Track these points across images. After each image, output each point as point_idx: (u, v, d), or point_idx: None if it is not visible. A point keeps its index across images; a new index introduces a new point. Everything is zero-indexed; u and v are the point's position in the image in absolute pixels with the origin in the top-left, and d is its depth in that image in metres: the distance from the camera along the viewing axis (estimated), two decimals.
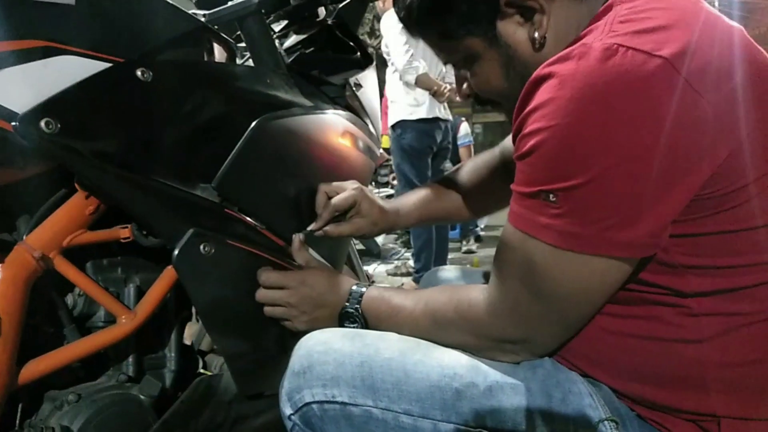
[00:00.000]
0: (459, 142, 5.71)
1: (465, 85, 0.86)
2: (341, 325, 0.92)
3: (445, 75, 3.51)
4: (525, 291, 0.69)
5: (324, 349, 0.81)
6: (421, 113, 3.40)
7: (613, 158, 0.58)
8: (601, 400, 0.71)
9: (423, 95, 3.39)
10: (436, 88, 3.33)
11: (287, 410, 0.82)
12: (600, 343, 0.73)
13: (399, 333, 0.85)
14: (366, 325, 0.90)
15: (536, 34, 0.71)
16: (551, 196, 0.62)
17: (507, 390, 0.72)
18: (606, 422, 0.69)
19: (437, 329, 0.81)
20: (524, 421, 0.71)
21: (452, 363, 0.76)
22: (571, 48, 0.61)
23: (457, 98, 3.32)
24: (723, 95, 0.60)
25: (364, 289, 0.92)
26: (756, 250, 0.65)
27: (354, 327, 0.91)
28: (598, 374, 0.74)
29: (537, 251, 0.65)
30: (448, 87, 3.33)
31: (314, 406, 0.79)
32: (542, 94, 0.62)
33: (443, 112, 3.51)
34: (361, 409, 0.76)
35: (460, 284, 1.17)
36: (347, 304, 0.91)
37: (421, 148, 3.43)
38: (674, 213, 0.61)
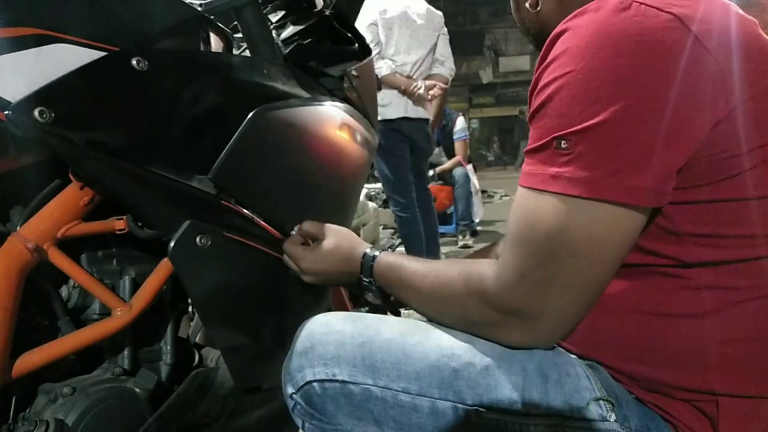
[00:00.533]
0: (455, 137, 5.71)
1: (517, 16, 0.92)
2: (361, 294, 0.96)
3: (433, 68, 3.41)
4: (534, 253, 0.67)
5: (326, 330, 0.83)
6: (387, 114, 3.23)
7: (625, 100, 0.60)
8: (599, 382, 0.71)
9: (389, 95, 3.23)
10: (403, 87, 3.20)
11: (289, 389, 0.84)
12: (600, 320, 0.73)
13: (408, 304, 0.86)
14: (381, 292, 0.92)
15: None
16: (563, 142, 0.63)
17: (503, 370, 0.73)
18: (601, 402, 0.70)
19: (444, 303, 0.80)
20: (519, 400, 0.71)
21: (450, 344, 0.77)
22: (586, 6, 0.65)
23: (428, 97, 3.27)
24: (727, 58, 0.62)
25: (375, 254, 0.92)
26: (760, 222, 0.66)
27: (371, 294, 0.94)
28: (596, 355, 0.75)
29: (545, 205, 0.65)
30: (419, 85, 3.19)
31: (315, 384, 0.80)
32: (558, 48, 0.65)
33: (417, 110, 3.33)
34: (361, 388, 0.78)
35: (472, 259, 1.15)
36: (362, 276, 0.93)
37: (392, 145, 3.26)
38: (679, 162, 0.62)
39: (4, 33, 0.78)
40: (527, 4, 0.86)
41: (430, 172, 5.00)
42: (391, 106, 3.23)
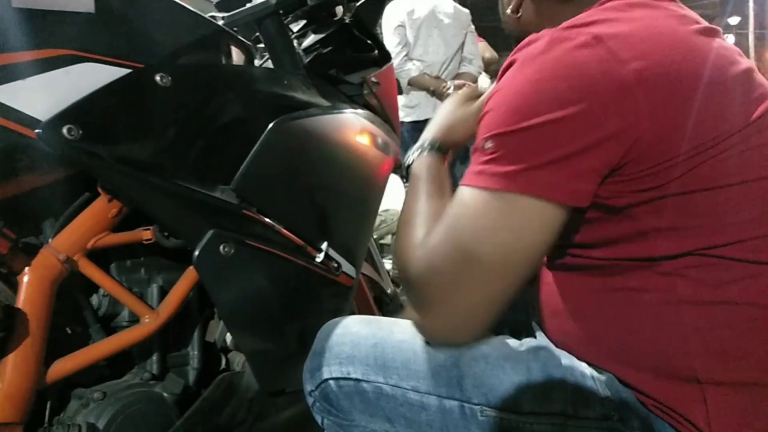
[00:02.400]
0: None
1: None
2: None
3: (462, 67, 3.39)
4: (446, 246, 0.70)
5: (342, 332, 0.87)
6: (414, 116, 3.25)
7: (542, 107, 0.65)
8: (603, 383, 0.72)
9: (417, 96, 3.25)
10: (432, 87, 3.20)
11: (308, 387, 0.88)
12: (587, 323, 0.75)
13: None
14: None
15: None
16: (488, 143, 0.69)
17: (507, 369, 0.75)
18: (605, 402, 0.71)
19: (409, 223, 0.81)
20: (524, 399, 0.73)
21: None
22: (531, 36, 0.72)
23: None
24: (653, 69, 0.65)
25: (423, 150, 0.97)
26: (718, 212, 0.68)
27: None
28: (593, 360, 0.76)
29: (466, 197, 0.69)
30: (448, 85, 3.18)
31: (331, 382, 0.84)
32: (504, 76, 0.73)
33: None
34: (373, 386, 0.81)
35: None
36: (419, 145, 1.00)
37: None
38: (598, 165, 0.65)
39: (35, 56, 0.81)
40: (509, 10, 0.94)
41: None
42: (419, 107, 3.23)
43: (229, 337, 1.25)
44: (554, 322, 0.82)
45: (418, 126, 3.23)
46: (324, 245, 1.14)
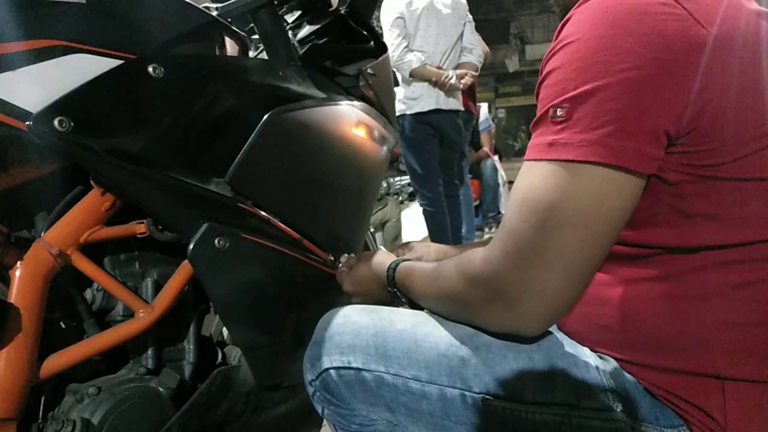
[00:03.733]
0: (480, 128, 5.66)
1: None
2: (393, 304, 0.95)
3: (462, 57, 3.38)
4: (519, 227, 0.65)
5: (343, 321, 0.87)
6: (418, 106, 3.23)
7: (618, 66, 0.61)
8: (607, 373, 0.72)
9: (419, 88, 3.23)
10: (434, 78, 3.18)
11: (309, 376, 0.88)
12: (604, 310, 0.73)
13: (422, 303, 0.87)
14: (409, 300, 0.92)
15: None
16: (558, 110, 0.64)
17: (510, 359, 0.74)
18: (609, 393, 0.70)
19: (441, 291, 0.79)
20: (526, 388, 0.72)
21: (459, 334, 0.79)
22: None
23: (460, 86, 3.24)
24: (726, 38, 0.63)
25: (398, 263, 0.93)
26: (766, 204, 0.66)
27: (403, 304, 0.93)
28: (603, 347, 0.75)
29: (539, 175, 0.65)
30: (450, 75, 3.17)
31: (332, 371, 0.84)
32: (563, 32, 0.67)
33: (449, 102, 3.29)
34: (374, 375, 0.81)
35: None
36: (389, 288, 0.93)
37: (421, 137, 3.27)
38: (671, 126, 0.62)
39: (24, 46, 0.80)
40: None
41: None
42: (422, 98, 3.22)
43: (224, 331, 1.24)
44: None
45: (421, 118, 3.23)
46: (320, 238, 1.14)
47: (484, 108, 5.71)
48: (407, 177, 6.24)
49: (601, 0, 0.66)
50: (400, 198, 6.27)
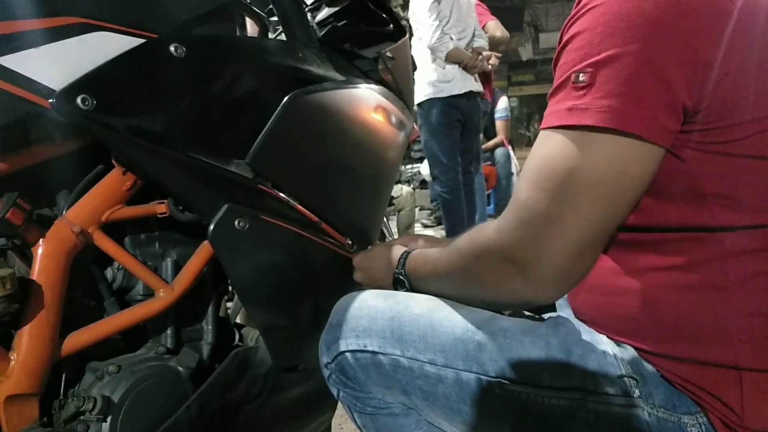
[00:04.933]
0: (496, 116, 5.65)
1: None
2: (395, 290, 0.95)
3: (474, 42, 3.40)
4: (538, 194, 0.65)
5: (359, 305, 0.87)
6: (453, 89, 3.26)
7: (644, 32, 0.60)
8: (624, 359, 0.71)
9: (453, 69, 3.26)
10: (466, 60, 3.23)
11: (324, 359, 0.89)
12: (622, 299, 0.73)
13: (434, 287, 0.87)
14: (411, 285, 0.92)
15: None
16: (581, 75, 0.63)
17: (526, 344, 0.74)
18: (626, 379, 0.70)
19: (454, 267, 0.80)
20: (542, 373, 0.72)
21: (475, 318, 0.79)
22: None
23: (489, 67, 3.26)
24: (751, 11, 0.63)
25: (407, 254, 0.94)
26: None
27: (404, 290, 0.93)
28: (624, 337, 0.74)
29: (557, 141, 0.65)
30: (480, 57, 3.24)
31: (348, 354, 0.85)
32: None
33: (475, 84, 3.35)
34: (390, 358, 0.81)
35: None
36: (396, 270, 0.94)
37: (449, 122, 3.31)
38: (687, 100, 0.62)
39: (47, 23, 0.80)
40: None
41: None
42: (455, 81, 3.25)
43: (243, 312, 1.25)
44: (585, 296, 0.80)
45: (451, 102, 3.23)
46: (338, 222, 1.14)
47: (504, 98, 5.71)
48: (418, 165, 6.24)
49: None
50: (412, 186, 6.26)
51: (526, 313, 0.89)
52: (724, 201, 0.65)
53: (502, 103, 5.67)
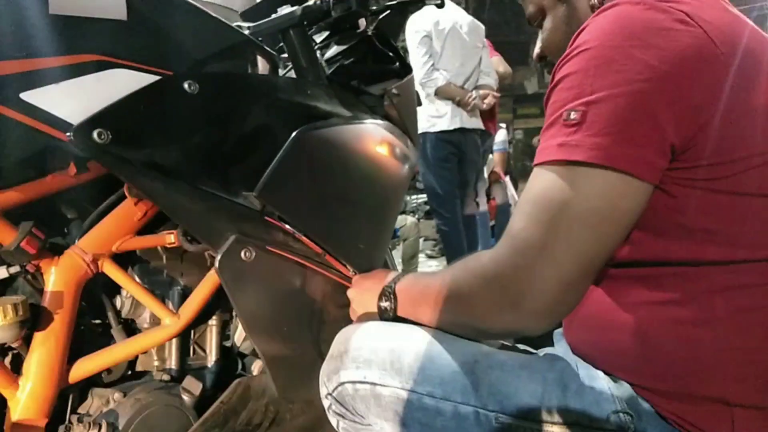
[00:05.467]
0: (494, 148, 5.68)
1: (538, 47, 0.93)
2: (378, 304, 0.94)
3: (481, 79, 3.42)
4: (528, 226, 0.68)
5: (360, 336, 0.87)
6: (443, 125, 3.26)
7: (634, 75, 0.63)
8: (620, 395, 0.72)
9: (445, 105, 3.26)
10: (458, 97, 3.23)
11: (325, 389, 0.89)
12: (614, 335, 0.74)
13: (420, 296, 0.86)
14: (395, 304, 0.91)
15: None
16: (572, 113, 0.65)
17: (524, 378, 0.75)
18: (621, 414, 0.70)
19: (443, 283, 0.80)
20: (539, 408, 0.73)
21: (474, 351, 0.80)
22: (601, 8, 0.71)
23: (484, 105, 3.27)
24: (733, 55, 0.66)
25: (396, 279, 0.94)
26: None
27: (386, 305, 0.92)
28: (620, 372, 0.75)
29: (551, 175, 0.67)
30: (474, 95, 3.23)
31: (348, 385, 0.85)
32: (575, 41, 0.70)
33: (471, 121, 3.33)
34: (389, 390, 0.81)
35: None
36: (385, 285, 0.94)
37: (443, 156, 3.30)
38: (680, 138, 0.64)
39: (67, 60, 0.83)
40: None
41: None
42: (446, 117, 3.25)
43: (247, 341, 1.26)
44: (580, 332, 0.81)
45: (444, 136, 3.24)
46: (342, 254, 1.16)
47: (502, 131, 5.73)
48: (423, 195, 6.26)
49: (619, 11, 0.68)
50: (417, 216, 6.27)
51: (523, 347, 0.91)
52: (712, 236, 0.67)
53: (500, 135, 5.70)
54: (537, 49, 0.93)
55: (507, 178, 5.78)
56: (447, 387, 0.78)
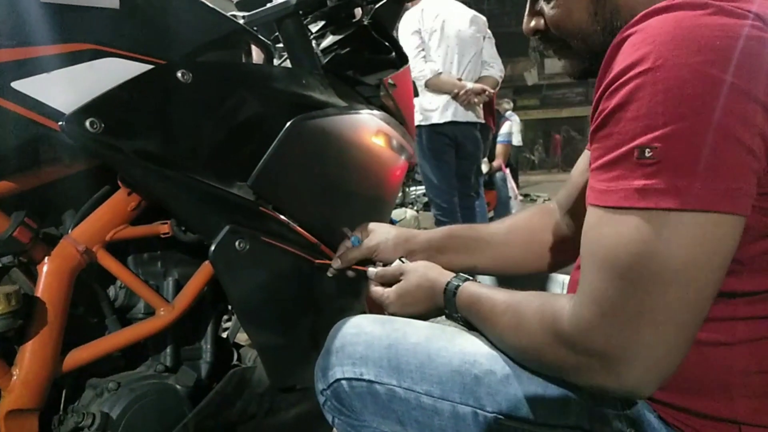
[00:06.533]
0: (497, 140, 5.69)
1: (533, 22, 0.81)
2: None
3: (484, 71, 3.41)
4: (617, 285, 0.58)
5: (356, 332, 0.86)
6: (434, 118, 3.25)
7: (713, 99, 0.54)
8: (622, 398, 0.71)
9: (438, 100, 3.24)
10: (447, 90, 3.20)
11: (320, 385, 0.88)
12: None
13: (489, 336, 0.79)
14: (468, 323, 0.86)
15: None
16: (647, 151, 0.55)
17: (524, 379, 0.73)
18: (622, 418, 0.69)
19: (520, 344, 0.72)
20: (539, 410, 0.72)
21: (473, 350, 0.78)
22: (650, 8, 0.59)
23: (475, 100, 3.24)
24: None
25: (458, 285, 0.85)
26: None
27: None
28: None
29: (630, 225, 0.57)
30: (467, 87, 3.18)
31: (344, 382, 0.84)
32: (628, 49, 0.59)
33: (467, 114, 3.29)
34: (386, 388, 0.81)
35: (556, 294, 0.92)
36: (446, 311, 0.88)
37: (437, 147, 3.29)
38: (763, 164, 0.56)
39: (59, 49, 0.83)
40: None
41: None
42: (438, 111, 3.24)
43: (241, 331, 1.26)
44: None
45: (437, 129, 3.24)
46: (337, 244, 1.15)
47: (507, 123, 5.73)
48: (422, 187, 6.27)
49: (676, 17, 0.57)
50: (416, 208, 6.28)
51: None
52: (741, 267, 0.62)
53: (505, 128, 5.71)
54: (533, 22, 0.81)
55: (507, 171, 5.79)
56: (445, 386, 0.77)
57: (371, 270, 1.02)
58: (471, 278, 0.87)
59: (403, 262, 1.00)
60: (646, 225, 0.56)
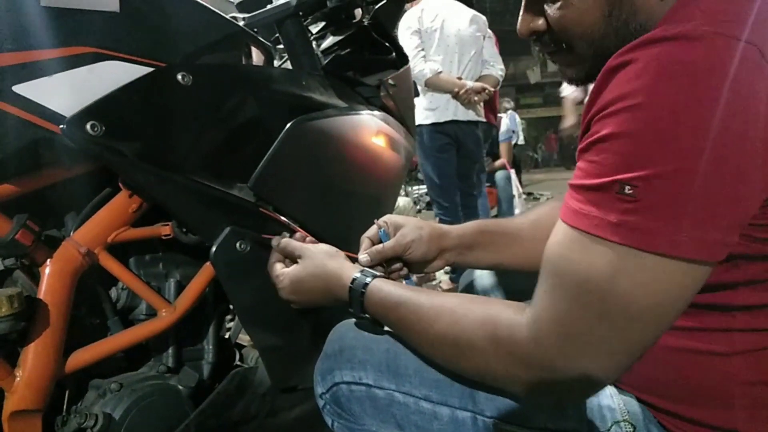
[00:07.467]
0: (500, 138, 5.68)
1: (532, 23, 0.75)
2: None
3: (485, 70, 3.40)
4: (582, 313, 0.58)
5: (355, 335, 0.86)
6: (435, 117, 3.24)
7: (698, 143, 0.52)
8: (622, 404, 0.71)
9: (438, 99, 3.23)
10: (447, 89, 3.20)
11: (319, 389, 0.87)
12: None
13: (414, 344, 0.78)
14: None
15: None
16: (627, 187, 0.54)
17: None
18: (622, 424, 0.69)
19: (461, 354, 0.70)
20: (538, 414, 0.71)
21: None
22: (646, 36, 0.56)
23: (476, 99, 3.24)
24: None
25: (367, 281, 0.82)
26: None
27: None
28: (626, 385, 0.74)
29: (603, 256, 0.56)
30: (468, 86, 3.18)
31: (343, 386, 0.83)
32: (621, 79, 0.56)
33: (468, 113, 3.28)
34: (385, 392, 0.80)
35: (492, 299, 0.94)
36: (351, 309, 0.85)
37: (439, 146, 3.28)
38: (754, 211, 0.56)
39: (61, 53, 0.83)
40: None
41: None
42: (439, 110, 3.24)
43: (243, 332, 1.27)
44: None
45: (437, 128, 3.24)
46: (338, 244, 1.16)
47: (504, 119, 5.71)
48: (424, 186, 6.28)
49: (672, 49, 0.54)
50: (418, 207, 6.28)
51: None
52: (757, 285, 0.63)
53: (503, 125, 5.70)
54: (533, 23, 0.75)
55: (512, 170, 5.78)
56: (444, 391, 0.76)
57: (276, 238, 0.98)
58: (379, 274, 0.85)
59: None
60: (618, 260, 0.56)
